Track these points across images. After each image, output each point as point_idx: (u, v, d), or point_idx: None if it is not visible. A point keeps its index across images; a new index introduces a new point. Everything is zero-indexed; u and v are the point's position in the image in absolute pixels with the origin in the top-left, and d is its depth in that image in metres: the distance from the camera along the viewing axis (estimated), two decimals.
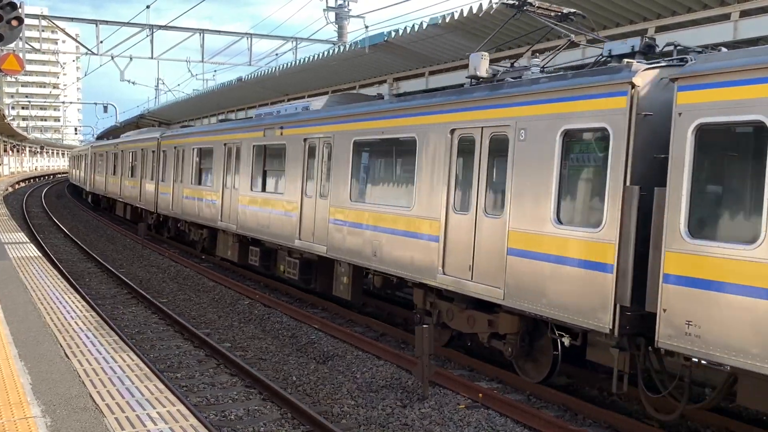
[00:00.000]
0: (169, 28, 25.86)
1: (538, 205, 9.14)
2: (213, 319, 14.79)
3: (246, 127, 18.63)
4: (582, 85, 8.64)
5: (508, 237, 9.50)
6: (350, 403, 9.64)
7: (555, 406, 9.65)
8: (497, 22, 15.00)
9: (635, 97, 7.96)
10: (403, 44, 18.26)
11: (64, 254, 23.61)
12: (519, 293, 9.39)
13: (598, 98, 8.42)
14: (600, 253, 8.26)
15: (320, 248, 14.25)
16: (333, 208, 13.87)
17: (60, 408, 5.89)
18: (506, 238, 9.53)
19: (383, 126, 12.43)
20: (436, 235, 10.94)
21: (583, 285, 8.46)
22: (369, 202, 12.84)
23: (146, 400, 6.19)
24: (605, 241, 8.20)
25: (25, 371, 6.87)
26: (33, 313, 9.40)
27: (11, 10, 14.42)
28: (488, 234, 9.95)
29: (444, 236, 10.81)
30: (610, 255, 8.12)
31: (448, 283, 10.68)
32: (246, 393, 9.96)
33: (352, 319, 14.68)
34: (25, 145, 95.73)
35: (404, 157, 12.06)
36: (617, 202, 8.07)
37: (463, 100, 10.58)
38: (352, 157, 13.31)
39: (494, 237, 9.81)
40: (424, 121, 11.35)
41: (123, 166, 33.05)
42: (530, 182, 9.26)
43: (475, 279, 10.13)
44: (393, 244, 12.00)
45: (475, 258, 10.20)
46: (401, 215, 11.80)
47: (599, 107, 8.37)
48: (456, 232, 10.61)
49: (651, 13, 12.77)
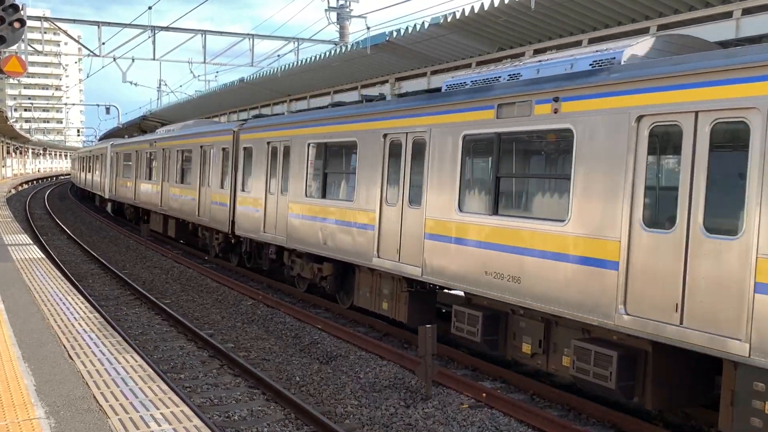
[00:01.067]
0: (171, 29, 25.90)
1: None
2: (216, 320, 14.80)
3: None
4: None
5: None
6: (353, 403, 9.64)
7: (558, 405, 9.64)
8: (499, 22, 14.99)
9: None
10: (405, 44, 18.25)
11: (67, 256, 23.64)
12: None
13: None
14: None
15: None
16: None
17: (64, 409, 5.90)
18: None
19: (332, 131, 14.59)
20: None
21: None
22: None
23: (150, 401, 6.19)
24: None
25: (29, 372, 6.87)
26: (36, 315, 9.41)
27: (13, 12, 14.45)
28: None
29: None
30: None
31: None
32: (249, 393, 9.96)
33: (354, 319, 14.69)
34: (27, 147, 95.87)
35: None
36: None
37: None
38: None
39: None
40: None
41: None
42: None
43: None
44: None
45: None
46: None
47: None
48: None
49: (653, 12, 12.75)
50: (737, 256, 6.93)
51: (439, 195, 11.12)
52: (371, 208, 12.84)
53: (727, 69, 7.06)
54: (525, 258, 9.39)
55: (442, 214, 11.03)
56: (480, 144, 10.65)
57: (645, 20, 13.05)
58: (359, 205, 13.20)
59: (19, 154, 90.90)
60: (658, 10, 12.65)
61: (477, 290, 10.25)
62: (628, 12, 13.08)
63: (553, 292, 8.89)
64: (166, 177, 26.20)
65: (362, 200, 13.13)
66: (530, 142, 10.19)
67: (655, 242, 7.65)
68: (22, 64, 17.75)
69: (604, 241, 8.22)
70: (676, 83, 7.59)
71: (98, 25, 25.12)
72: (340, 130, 14.16)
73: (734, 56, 7.14)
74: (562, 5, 13.36)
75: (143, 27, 25.71)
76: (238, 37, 27.96)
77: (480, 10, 14.92)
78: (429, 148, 11.40)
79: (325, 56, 22.23)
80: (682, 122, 7.52)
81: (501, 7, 14.26)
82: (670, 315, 7.48)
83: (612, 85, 8.36)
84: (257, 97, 31.08)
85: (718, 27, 11.71)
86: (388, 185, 12.56)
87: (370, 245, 12.74)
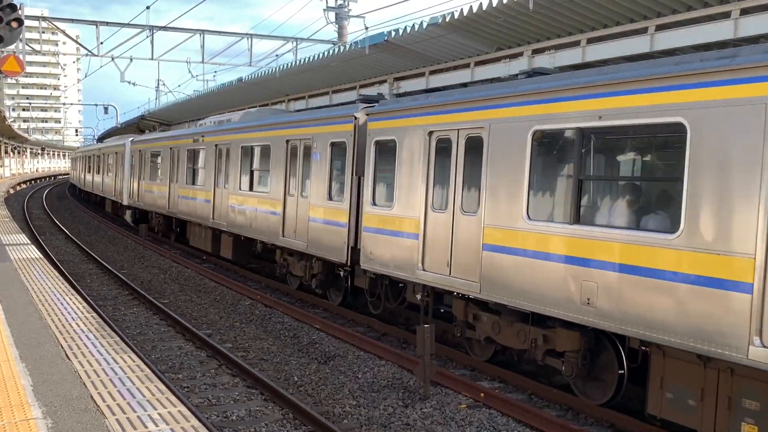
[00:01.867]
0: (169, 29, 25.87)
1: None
2: (214, 320, 14.78)
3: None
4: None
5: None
6: (352, 403, 9.63)
7: (557, 405, 9.64)
8: (498, 22, 14.98)
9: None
10: (404, 44, 18.24)
11: (66, 255, 23.62)
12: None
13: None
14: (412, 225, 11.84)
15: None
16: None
17: (61, 409, 5.88)
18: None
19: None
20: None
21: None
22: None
23: (147, 402, 6.18)
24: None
25: (26, 373, 6.86)
26: (34, 315, 9.39)
27: (11, 12, 14.43)
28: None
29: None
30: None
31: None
32: (247, 393, 9.95)
33: (353, 319, 14.68)
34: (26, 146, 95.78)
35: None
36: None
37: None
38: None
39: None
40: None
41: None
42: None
43: (297, 238, 15.42)
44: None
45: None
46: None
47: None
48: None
49: (651, 12, 12.75)
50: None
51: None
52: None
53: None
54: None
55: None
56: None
57: (643, 20, 13.05)
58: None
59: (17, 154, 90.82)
60: (657, 10, 12.66)
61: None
62: (626, 12, 13.08)
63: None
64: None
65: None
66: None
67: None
68: (20, 64, 17.74)
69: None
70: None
71: (96, 24, 25.08)
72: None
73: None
74: (560, 5, 13.35)
75: (141, 27, 25.68)
76: (237, 36, 27.94)
77: (478, 9, 14.91)
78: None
79: (323, 56, 22.22)
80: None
81: (499, 7, 14.25)
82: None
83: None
84: (256, 97, 31.06)
85: (716, 27, 11.71)
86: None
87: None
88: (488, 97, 10.25)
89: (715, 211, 7.08)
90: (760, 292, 6.64)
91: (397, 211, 12.20)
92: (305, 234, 15.21)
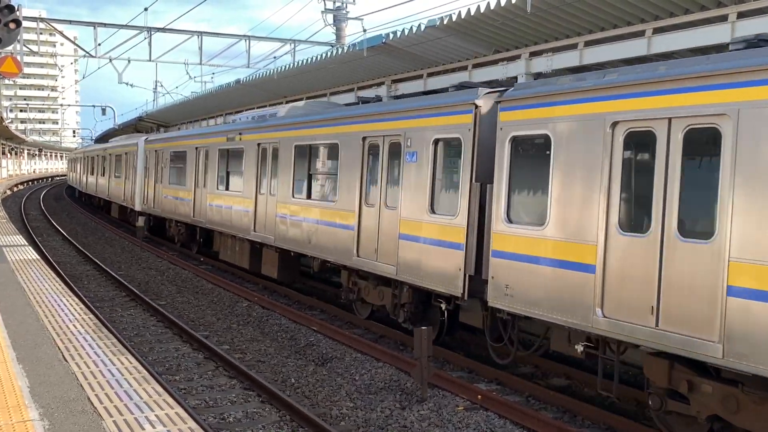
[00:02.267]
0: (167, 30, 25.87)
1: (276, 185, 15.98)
2: (212, 322, 14.78)
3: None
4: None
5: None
6: (349, 405, 9.64)
7: (554, 407, 9.65)
8: (496, 24, 15.00)
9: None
10: (402, 46, 18.26)
11: (63, 257, 23.59)
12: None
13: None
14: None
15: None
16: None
17: (58, 411, 5.88)
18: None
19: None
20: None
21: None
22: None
23: (144, 403, 6.18)
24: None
25: (23, 374, 6.86)
26: (31, 316, 9.39)
27: (9, 13, 14.43)
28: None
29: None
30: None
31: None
32: (245, 395, 9.95)
33: (350, 320, 14.68)
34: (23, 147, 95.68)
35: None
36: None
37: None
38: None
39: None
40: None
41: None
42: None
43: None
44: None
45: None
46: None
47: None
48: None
49: (649, 15, 12.78)
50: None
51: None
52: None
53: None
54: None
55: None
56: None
57: (641, 23, 13.08)
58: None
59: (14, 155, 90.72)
60: (654, 13, 12.68)
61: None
62: (623, 15, 13.11)
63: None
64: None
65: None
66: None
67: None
68: (17, 65, 17.73)
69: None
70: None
71: (94, 26, 25.08)
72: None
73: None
74: (558, 8, 13.38)
75: (139, 28, 25.68)
76: (235, 38, 27.96)
77: (476, 12, 14.93)
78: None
79: (321, 58, 22.23)
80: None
81: (497, 9, 14.27)
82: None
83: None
84: (254, 98, 31.07)
85: (713, 30, 11.74)
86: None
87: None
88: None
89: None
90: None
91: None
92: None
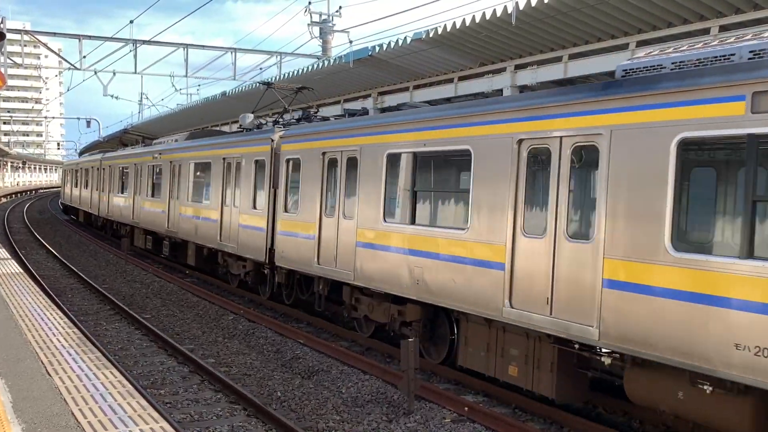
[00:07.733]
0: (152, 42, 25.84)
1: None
2: (197, 335, 14.69)
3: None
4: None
5: (239, 217, 17.63)
6: (336, 418, 9.59)
7: (541, 418, 9.64)
8: (481, 37, 15.11)
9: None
10: (388, 59, 18.35)
11: (46, 270, 23.40)
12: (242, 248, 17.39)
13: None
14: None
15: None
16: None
17: (41, 426, 5.82)
18: (239, 218, 17.46)
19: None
20: (216, 219, 18.69)
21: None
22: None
23: (129, 418, 6.13)
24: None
25: (6, 389, 6.78)
26: (14, 330, 9.29)
27: None
28: (232, 217, 17.73)
29: (221, 220, 18.53)
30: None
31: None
32: (230, 409, 9.88)
33: (337, 333, 14.63)
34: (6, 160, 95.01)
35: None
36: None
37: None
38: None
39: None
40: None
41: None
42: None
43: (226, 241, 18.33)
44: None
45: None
46: (207, 208, 19.53)
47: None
48: (228, 217, 18.17)
49: (632, 29, 12.92)
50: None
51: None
52: None
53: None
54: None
55: None
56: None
57: (624, 36, 13.22)
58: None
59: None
60: (637, 27, 12.83)
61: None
62: (607, 28, 13.24)
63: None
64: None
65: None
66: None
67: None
68: (1, 77, 17.62)
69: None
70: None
71: (79, 38, 25.01)
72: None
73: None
74: (542, 21, 13.50)
75: (125, 40, 25.64)
76: (221, 50, 27.97)
77: (462, 25, 15.04)
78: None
79: (307, 70, 22.29)
80: None
81: (482, 22, 14.39)
82: (233, 242, 16.45)
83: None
84: (238, 111, 31.07)
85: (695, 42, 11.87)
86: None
87: None
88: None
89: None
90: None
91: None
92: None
